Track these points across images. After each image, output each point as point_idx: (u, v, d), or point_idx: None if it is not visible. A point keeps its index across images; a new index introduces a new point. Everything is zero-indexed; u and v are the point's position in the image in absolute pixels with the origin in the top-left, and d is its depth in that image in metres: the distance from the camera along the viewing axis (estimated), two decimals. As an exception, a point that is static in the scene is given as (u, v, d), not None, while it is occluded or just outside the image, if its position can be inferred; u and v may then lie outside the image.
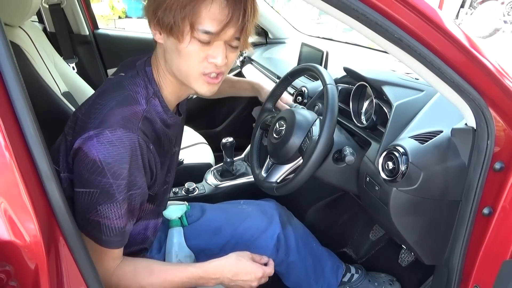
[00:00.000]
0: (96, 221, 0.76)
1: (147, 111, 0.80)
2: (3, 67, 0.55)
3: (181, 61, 0.77)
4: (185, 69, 0.78)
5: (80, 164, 0.74)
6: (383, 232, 1.52)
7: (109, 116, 0.75)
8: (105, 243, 0.78)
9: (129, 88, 0.80)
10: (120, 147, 0.73)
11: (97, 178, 0.73)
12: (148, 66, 0.84)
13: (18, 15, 1.30)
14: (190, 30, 0.72)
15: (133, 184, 0.78)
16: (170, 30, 0.73)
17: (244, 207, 1.22)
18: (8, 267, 0.57)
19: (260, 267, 0.93)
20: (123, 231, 0.80)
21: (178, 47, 0.75)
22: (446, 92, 0.78)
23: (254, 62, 2.19)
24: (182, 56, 0.76)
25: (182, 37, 0.73)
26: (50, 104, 1.34)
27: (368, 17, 0.67)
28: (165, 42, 0.78)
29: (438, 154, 0.85)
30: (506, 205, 0.78)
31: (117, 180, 0.74)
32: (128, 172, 0.75)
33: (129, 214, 0.80)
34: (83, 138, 0.73)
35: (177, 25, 0.72)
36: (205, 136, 1.96)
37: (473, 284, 0.86)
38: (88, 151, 0.73)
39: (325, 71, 1.03)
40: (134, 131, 0.76)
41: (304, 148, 0.98)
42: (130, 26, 6.90)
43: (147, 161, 0.81)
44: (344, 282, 1.32)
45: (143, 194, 0.82)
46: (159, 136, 0.86)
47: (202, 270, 0.87)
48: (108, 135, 0.73)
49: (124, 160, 0.74)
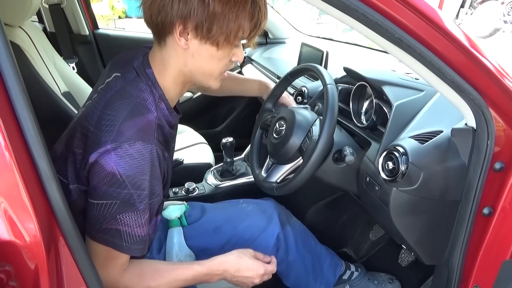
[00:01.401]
0: (115, 229, 0.76)
1: (158, 118, 0.81)
2: (3, 67, 0.55)
3: (209, 64, 0.80)
4: (210, 70, 0.82)
5: (97, 177, 0.74)
6: (383, 232, 1.52)
7: (125, 129, 0.74)
8: (125, 250, 0.78)
9: (135, 94, 0.79)
10: (140, 160, 0.74)
11: (117, 190, 0.74)
12: (148, 68, 0.83)
13: (18, 15, 1.30)
14: (233, 39, 0.77)
15: (153, 193, 0.79)
16: (216, 42, 0.76)
17: (243, 206, 1.22)
18: (8, 267, 0.57)
19: (262, 264, 0.94)
20: (144, 239, 0.80)
21: (213, 53, 0.78)
22: (446, 92, 0.78)
23: (254, 62, 2.19)
24: (213, 59, 0.79)
25: (223, 46, 0.77)
26: (50, 104, 1.34)
27: (368, 17, 0.67)
28: (193, 47, 0.78)
29: (438, 154, 0.85)
30: (506, 205, 0.78)
31: (138, 191, 0.75)
32: (149, 182, 0.76)
33: (148, 222, 0.81)
34: (99, 152, 0.73)
35: (228, 38, 0.76)
36: (205, 136, 1.96)
37: (473, 284, 0.86)
38: (106, 165, 0.73)
39: (325, 71, 1.03)
40: (152, 142, 0.76)
41: (304, 148, 0.98)
42: (130, 26, 6.90)
43: (163, 168, 0.82)
44: (344, 280, 1.32)
45: (160, 200, 0.84)
46: (167, 139, 0.87)
47: (207, 267, 0.89)
48: (127, 148, 0.73)
49: (144, 172, 0.75)
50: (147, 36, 2.31)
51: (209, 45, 0.77)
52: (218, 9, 0.73)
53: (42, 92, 1.32)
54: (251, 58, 2.23)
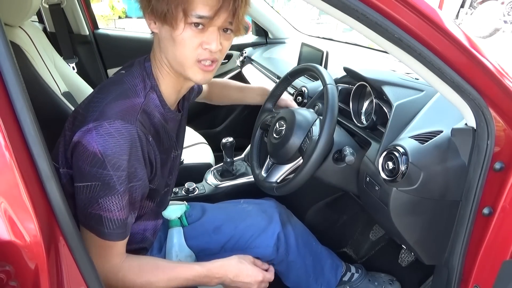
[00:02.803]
0: (97, 215, 0.76)
1: (145, 104, 0.81)
2: (3, 67, 0.55)
3: (176, 49, 0.78)
4: (180, 57, 0.79)
5: (80, 158, 0.75)
6: (383, 232, 1.52)
7: (108, 109, 0.75)
8: (107, 236, 0.78)
9: (127, 80, 0.82)
10: (119, 139, 0.74)
11: (98, 171, 0.73)
12: (147, 62, 0.86)
13: (18, 15, 1.30)
14: (184, 17, 0.73)
15: (133, 176, 0.78)
16: (164, 17, 0.74)
17: (244, 206, 1.22)
18: (8, 267, 0.57)
19: (261, 271, 0.95)
20: (124, 223, 0.80)
21: (173, 35, 0.76)
22: (446, 92, 0.78)
23: (254, 62, 2.19)
24: (176, 43, 0.77)
25: (176, 24, 0.74)
26: (50, 104, 1.34)
27: (368, 17, 0.67)
28: (160, 31, 0.79)
29: (438, 154, 0.85)
30: (506, 205, 0.78)
31: (117, 172, 0.74)
32: (128, 163, 0.75)
33: (130, 206, 0.80)
34: (82, 131, 0.74)
35: (170, 12, 0.73)
36: (205, 136, 1.95)
37: (473, 284, 0.86)
38: (88, 144, 0.73)
39: (325, 71, 1.03)
40: (133, 122, 0.76)
41: (304, 148, 0.98)
42: (130, 26, 6.91)
43: (147, 153, 0.81)
44: (345, 281, 1.32)
45: (144, 186, 0.83)
46: (157, 130, 0.86)
47: (207, 269, 0.89)
48: (107, 127, 0.73)
49: (123, 152, 0.74)
50: (147, 36, 2.30)
51: (167, 26, 0.75)
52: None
53: (42, 92, 1.32)
54: (251, 58, 2.23)
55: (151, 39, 0.85)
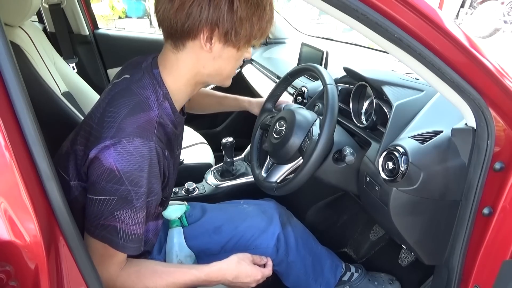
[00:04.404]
0: (112, 226, 0.76)
1: (160, 116, 0.81)
2: (3, 67, 0.55)
3: (228, 65, 0.83)
4: (227, 71, 0.85)
5: (96, 173, 0.75)
6: (383, 232, 1.51)
7: (125, 125, 0.75)
8: (121, 248, 0.78)
9: (138, 92, 0.80)
10: (138, 156, 0.74)
11: (115, 186, 0.74)
12: (155, 68, 0.84)
13: (18, 15, 1.30)
14: (253, 41, 0.81)
15: (151, 191, 0.79)
16: (243, 43, 0.79)
17: (244, 207, 1.22)
18: (8, 267, 0.57)
19: (259, 270, 0.96)
20: (140, 238, 0.80)
21: (233, 54, 0.81)
22: (446, 92, 0.78)
23: (254, 62, 2.19)
24: (231, 60, 0.82)
25: (243, 47, 0.80)
26: (50, 104, 1.34)
27: (368, 17, 0.67)
28: (216, 51, 0.79)
29: (438, 154, 0.85)
30: (506, 205, 0.78)
31: (136, 187, 0.75)
32: (147, 180, 0.76)
33: (145, 221, 0.81)
34: (99, 148, 0.74)
35: (249, 40, 0.79)
36: (205, 136, 1.95)
37: (473, 284, 0.86)
38: (105, 160, 0.73)
39: (325, 71, 1.03)
40: (151, 139, 0.76)
41: (304, 148, 0.98)
42: (130, 26, 6.90)
43: (163, 167, 0.82)
44: (344, 281, 1.32)
45: (158, 199, 0.84)
46: (170, 138, 0.86)
47: (205, 274, 0.89)
48: (126, 144, 0.73)
49: (142, 169, 0.75)
50: (147, 36, 2.31)
51: (231, 48, 0.79)
52: (243, 13, 0.75)
53: (42, 92, 1.32)
54: (251, 58, 2.23)
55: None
